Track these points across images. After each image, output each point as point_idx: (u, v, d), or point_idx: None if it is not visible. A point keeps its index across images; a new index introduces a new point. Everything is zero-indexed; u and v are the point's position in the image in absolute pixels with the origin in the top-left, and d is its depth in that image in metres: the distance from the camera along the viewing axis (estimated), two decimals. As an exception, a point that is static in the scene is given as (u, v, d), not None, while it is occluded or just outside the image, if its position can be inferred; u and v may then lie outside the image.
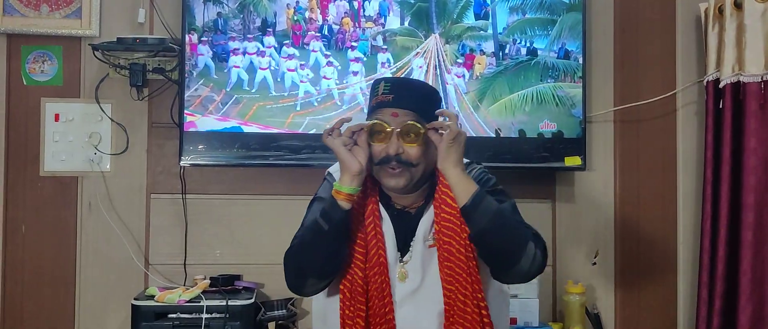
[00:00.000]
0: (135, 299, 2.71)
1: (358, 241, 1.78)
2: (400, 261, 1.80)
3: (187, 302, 2.68)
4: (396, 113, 1.74)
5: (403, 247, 1.81)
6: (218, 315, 2.66)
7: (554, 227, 3.17)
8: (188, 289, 2.77)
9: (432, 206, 1.81)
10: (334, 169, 1.90)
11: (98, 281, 2.97)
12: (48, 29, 2.94)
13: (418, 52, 2.92)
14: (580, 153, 3.00)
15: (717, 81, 3.02)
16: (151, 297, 2.72)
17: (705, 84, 3.09)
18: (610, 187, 3.21)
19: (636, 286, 3.21)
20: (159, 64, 2.93)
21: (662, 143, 3.22)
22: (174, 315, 2.66)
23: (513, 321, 2.89)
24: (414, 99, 1.77)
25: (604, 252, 3.20)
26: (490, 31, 2.96)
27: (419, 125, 1.73)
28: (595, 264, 3.18)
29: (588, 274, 3.16)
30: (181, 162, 2.85)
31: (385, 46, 2.91)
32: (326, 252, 1.73)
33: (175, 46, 2.88)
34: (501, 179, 3.09)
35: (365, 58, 2.90)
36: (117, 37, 2.88)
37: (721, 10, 3.00)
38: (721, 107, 3.00)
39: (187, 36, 2.82)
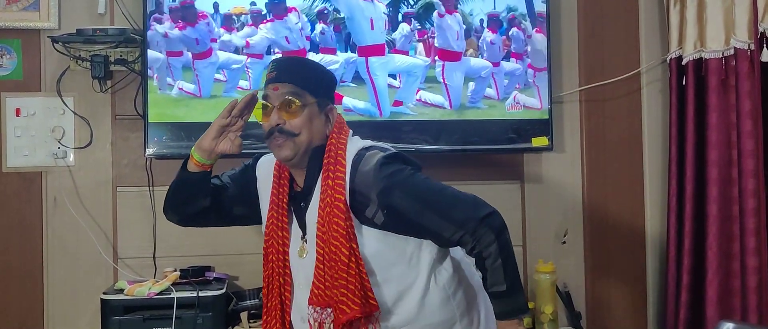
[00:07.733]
0: (104, 293, 2.68)
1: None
2: (301, 238, 1.91)
3: (158, 294, 2.65)
4: (276, 87, 1.84)
5: (303, 225, 1.91)
6: (189, 307, 2.63)
7: (523, 208, 3.19)
8: (158, 282, 2.74)
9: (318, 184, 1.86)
10: (262, 158, 2.06)
11: (66, 276, 2.93)
12: (5, 22, 2.88)
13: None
14: (547, 134, 3.02)
15: (680, 58, 3.06)
16: (121, 291, 2.68)
17: (668, 62, 3.12)
18: (578, 166, 3.24)
19: (605, 264, 3.25)
20: (121, 56, 2.88)
21: (628, 121, 3.26)
22: (144, 309, 2.64)
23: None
24: (294, 72, 1.86)
25: (573, 230, 3.23)
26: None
27: (295, 98, 1.81)
28: (564, 243, 3.21)
29: (558, 253, 3.19)
30: (147, 154, 2.82)
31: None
32: (179, 196, 1.98)
33: (136, 37, 2.84)
34: (469, 161, 3.09)
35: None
36: (77, 29, 2.83)
37: (682, -12, 3.03)
38: (684, 84, 3.04)
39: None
